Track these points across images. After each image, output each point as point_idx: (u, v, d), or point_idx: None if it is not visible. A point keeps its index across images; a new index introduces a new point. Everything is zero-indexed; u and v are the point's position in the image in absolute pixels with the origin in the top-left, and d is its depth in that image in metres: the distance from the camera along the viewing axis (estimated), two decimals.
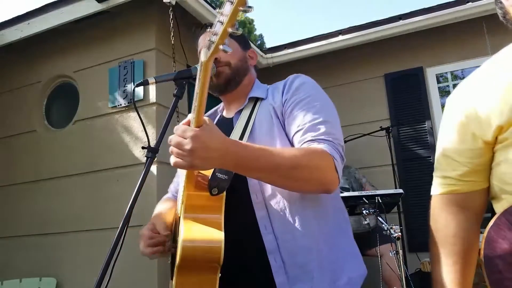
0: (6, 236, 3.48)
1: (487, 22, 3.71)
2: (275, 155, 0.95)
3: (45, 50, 3.62)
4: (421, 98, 3.97)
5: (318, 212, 1.08)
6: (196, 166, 0.88)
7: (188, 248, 0.90)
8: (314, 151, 1.00)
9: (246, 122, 1.15)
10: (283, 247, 1.03)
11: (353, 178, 3.51)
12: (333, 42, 4.07)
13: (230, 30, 0.72)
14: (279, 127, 1.12)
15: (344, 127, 4.09)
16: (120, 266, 0.96)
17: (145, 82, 1.09)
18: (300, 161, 0.96)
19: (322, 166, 0.99)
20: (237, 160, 0.91)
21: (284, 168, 0.95)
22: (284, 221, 1.05)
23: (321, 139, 1.02)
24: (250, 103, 1.21)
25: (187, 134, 0.84)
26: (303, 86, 1.14)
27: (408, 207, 3.78)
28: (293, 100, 1.12)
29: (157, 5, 3.11)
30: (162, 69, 3.09)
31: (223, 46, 0.75)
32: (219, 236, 0.92)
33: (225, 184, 0.98)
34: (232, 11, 0.70)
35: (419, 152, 3.90)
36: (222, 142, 0.88)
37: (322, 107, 1.10)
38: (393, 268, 2.70)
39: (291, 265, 1.02)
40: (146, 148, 1.04)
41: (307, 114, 1.07)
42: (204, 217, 0.96)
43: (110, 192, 3.04)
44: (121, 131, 3.14)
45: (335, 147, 1.03)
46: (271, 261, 1.02)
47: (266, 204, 1.06)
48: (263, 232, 1.04)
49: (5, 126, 3.72)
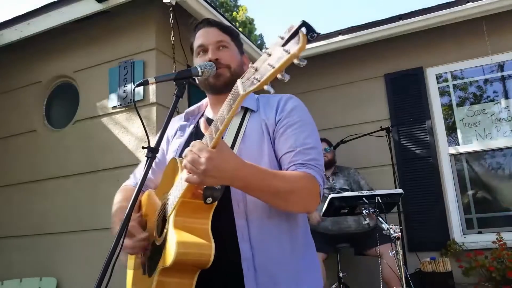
0: (6, 236, 3.48)
1: (487, 22, 3.71)
2: (277, 179, 1.04)
3: (45, 50, 3.62)
4: (421, 98, 3.97)
5: (292, 227, 1.16)
6: (206, 184, 0.95)
7: (182, 252, 0.94)
8: (307, 177, 1.09)
9: (236, 132, 1.18)
10: (257, 256, 1.08)
11: (352, 179, 3.51)
12: (333, 42, 4.07)
13: (279, 76, 0.73)
14: (269, 143, 1.18)
15: (344, 127, 4.14)
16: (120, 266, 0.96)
17: (145, 82, 1.09)
18: (296, 186, 1.06)
19: (311, 192, 1.10)
20: (244, 182, 0.99)
21: (283, 192, 1.04)
22: (261, 232, 1.11)
23: (310, 164, 1.12)
24: (240, 112, 1.24)
25: (202, 154, 0.90)
26: (296, 109, 1.22)
27: (408, 207, 3.78)
28: (286, 122, 1.18)
29: (157, 5, 3.11)
30: (162, 69, 3.09)
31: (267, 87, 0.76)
32: (209, 242, 0.98)
33: (219, 194, 1.01)
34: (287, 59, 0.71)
35: (419, 152, 3.90)
36: (234, 165, 0.95)
37: (312, 133, 1.19)
38: (393, 268, 2.70)
39: (262, 274, 1.08)
40: (146, 148, 1.04)
41: (298, 138, 1.15)
42: (194, 224, 1.01)
43: (110, 192, 3.01)
44: (121, 131, 3.13)
45: (320, 174, 1.13)
46: (244, 268, 1.07)
47: (247, 214, 1.11)
48: (240, 240, 1.09)
49: (5, 126, 3.72)
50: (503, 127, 3.75)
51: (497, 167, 3.89)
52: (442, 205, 3.72)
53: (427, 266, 3.21)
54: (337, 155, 3.68)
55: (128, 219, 0.96)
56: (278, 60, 0.72)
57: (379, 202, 2.58)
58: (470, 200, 3.80)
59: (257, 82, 0.77)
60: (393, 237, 2.32)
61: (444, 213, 3.70)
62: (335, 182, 3.47)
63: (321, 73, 4.35)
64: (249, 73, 0.79)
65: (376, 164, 3.89)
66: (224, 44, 1.27)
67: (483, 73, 3.94)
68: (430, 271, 3.18)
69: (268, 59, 0.75)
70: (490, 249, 3.29)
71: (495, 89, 3.93)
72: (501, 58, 3.79)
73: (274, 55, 0.74)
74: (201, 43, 1.27)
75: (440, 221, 3.70)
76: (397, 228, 2.34)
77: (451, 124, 3.97)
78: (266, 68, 0.75)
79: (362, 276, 3.53)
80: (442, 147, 3.86)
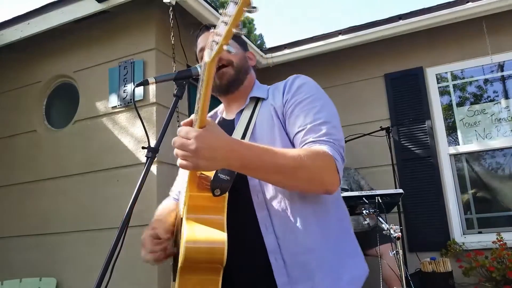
0: (6, 236, 3.48)
1: (487, 22, 3.71)
2: (278, 155, 0.95)
3: (45, 50, 3.62)
4: (421, 98, 3.97)
5: (319, 212, 1.08)
6: (201, 167, 0.87)
7: (191, 249, 0.89)
8: (317, 152, 0.99)
9: (247, 123, 1.14)
10: (284, 247, 1.03)
11: (352, 179, 3.51)
12: (333, 42, 4.07)
13: (234, 30, 0.71)
14: (279, 127, 1.12)
15: (344, 127, 4.09)
16: (120, 266, 0.96)
17: (145, 82, 1.09)
18: (303, 162, 0.95)
19: (324, 167, 0.99)
20: (241, 160, 0.90)
21: (287, 168, 0.95)
22: (285, 221, 1.05)
23: (322, 140, 1.03)
24: (251, 104, 1.20)
25: (190, 135, 0.84)
26: (304, 87, 1.14)
27: (408, 207, 3.78)
28: (293, 100, 1.11)
29: (157, 5, 3.11)
30: (162, 69, 3.09)
31: (227, 46, 0.73)
32: (222, 237, 0.91)
33: (228, 185, 0.98)
34: (237, 12, 0.69)
35: (419, 152, 3.90)
36: (227, 142, 0.88)
37: (323, 108, 1.10)
38: (393, 268, 2.70)
39: (292, 265, 1.02)
40: (146, 148, 1.04)
41: (308, 115, 1.07)
42: (207, 218, 0.96)
43: (110, 192, 3.04)
44: (121, 131, 3.13)
45: (336, 148, 1.03)
46: (272, 261, 1.02)
47: (267, 204, 1.06)
48: (264, 232, 1.04)
49: (5, 126, 3.72)
50: (503, 127, 3.75)
51: (497, 167, 3.89)
52: (442, 205, 3.72)
53: (427, 266, 3.20)
54: None
55: (128, 219, 0.95)
56: (230, 15, 0.70)
57: (379, 202, 2.58)
58: (470, 200, 3.80)
59: (216, 44, 0.74)
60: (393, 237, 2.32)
61: (444, 213, 3.70)
62: None
63: (321, 73, 4.34)
64: (211, 39, 0.77)
65: (376, 164, 3.89)
66: None
67: (483, 73, 3.94)
68: (430, 271, 3.18)
69: (224, 17, 0.73)
70: (490, 249, 3.29)
71: (495, 89, 3.93)
72: (501, 58, 3.79)
73: (228, 13, 0.71)
74: (202, 47, 1.25)
75: (440, 221, 3.70)
76: (397, 228, 2.35)
77: (451, 124, 3.97)
78: (222, 27, 0.73)
79: None
80: (442, 147, 3.86)
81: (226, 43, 0.73)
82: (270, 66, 4.35)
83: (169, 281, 1.18)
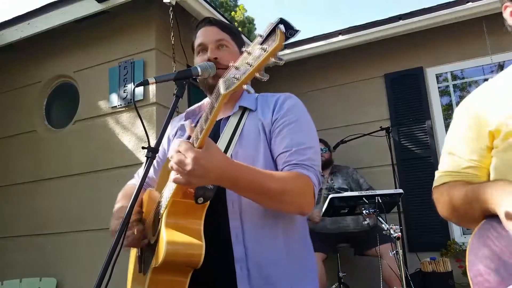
0: (6, 236, 3.48)
1: (487, 22, 3.71)
2: (267, 179, 1.02)
3: (45, 50, 3.62)
4: (421, 98, 3.97)
5: (288, 229, 1.15)
6: (194, 184, 0.95)
7: (171, 251, 0.94)
8: (300, 178, 1.07)
9: (233, 131, 1.18)
10: (250, 258, 1.07)
11: (351, 178, 3.51)
12: (333, 42, 4.07)
13: (257, 75, 0.73)
14: (265, 143, 1.16)
15: (344, 127, 4.13)
16: (120, 266, 0.96)
17: (145, 82, 1.09)
18: (287, 187, 1.04)
19: (305, 192, 1.08)
20: (232, 181, 0.97)
21: (273, 192, 1.02)
22: (255, 233, 1.09)
23: (305, 165, 1.10)
24: (238, 111, 1.23)
25: (188, 155, 0.89)
26: (294, 109, 1.20)
27: (408, 207, 3.78)
28: (283, 121, 1.17)
29: (157, 5, 3.11)
30: (162, 69, 3.09)
31: (247, 86, 0.76)
32: (200, 242, 0.97)
33: (211, 194, 1.00)
34: (264, 58, 0.71)
35: (419, 152, 3.89)
36: (221, 164, 0.93)
37: (308, 132, 1.18)
38: (393, 268, 2.70)
39: (256, 276, 1.06)
40: (146, 148, 1.04)
41: (294, 138, 1.14)
42: (186, 224, 1.00)
43: (110, 192, 3.01)
44: (121, 131, 3.13)
45: (315, 174, 1.11)
46: (237, 269, 1.06)
47: (241, 214, 1.10)
48: (233, 241, 1.08)
49: (5, 126, 3.72)
50: None
51: None
52: None
53: (427, 266, 3.20)
54: (337, 155, 3.68)
55: (128, 219, 0.95)
56: (256, 59, 0.72)
57: (379, 202, 2.58)
58: None
59: (236, 81, 0.76)
60: (393, 237, 2.32)
61: None
62: (334, 182, 3.47)
63: (321, 73, 4.34)
64: (231, 72, 0.79)
65: (376, 164, 3.89)
66: (224, 43, 1.25)
67: (483, 73, 3.93)
68: (430, 271, 3.17)
69: (248, 57, 0.74)
70: None
71: None
72: (501, 58, 3.79)
73: (253, 54, 0.73)
74: (201, 42, 1.26)
75: (440, 221, 3.69)
76: (397, 228, 2.35)
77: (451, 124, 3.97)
78: (245, 67, 0.74)
79: (362, 276, 3.52)
80: (442, 147, 3.85)
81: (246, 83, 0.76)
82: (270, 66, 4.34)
83: None
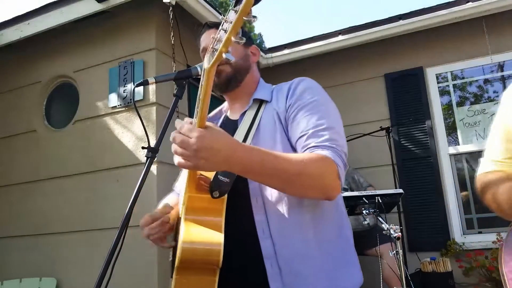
0: (6, 236, 3.48)
1: (487, 22, 3.71)
2: (280, 160, 0.93)
3: (45, 50, 3.62)
4: (421, 98, 3.97)
5: (318, 218, 1.07)
6: (200, 167, 0.86)
7: (187, 249, 0.89)
8: (319, 158, 0.98)
9: (250, 125, 1.14)
10: (280, 253, 1.02)
11: (350, 178, 3.51)
12: (333, 42, 4.07)
13: (233, 39, 0.71)
14: (281, 132, 1.11)
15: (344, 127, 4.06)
16: (120, 266, 0.96)
17: (145, 82, 1.09)
18: (305, 168, 0.94)
19: (326, 173, 0.98)
20: (242, 164, 0.88)
21: (289, 174, 0.93)
22: (282, 227, 1.04)
23: (324, 145, 1.01)
24: (254, 105, 1.20)
25: (192, 134, 0.81)
26: (308, 91, 1.13)
27: (408, 207, 3.78)
28: (297, 105, 1.10)
29: (157, 5, 3.11)
30: (162, 69, 3.09)
31: (226, 54, 0.74)
32: (218, 238, 0.91)
33: (227, 187, 0.97)
34: (236, 20, 0.69)
35: (419, 152, 3.90)
36: (229, 144, 0.86)
37: (326, 113, 1.09)
38: (393, 268, 2.70)
39: (287, 272, 1.02)
40: (146, 148, 1.04)
41: (311, 120, 1.06)
42: (205, 219, 0.96)
43: (110, 192, 3.04)
44: (121, 131, 3.13)
45: (338, 153, 1.02)
46: (267, 266, 1.02)
47: (266, 208, 1.05)
48: (260, 237, 1.03)
49: (5, 126, 3.72)
50: None
51: None
52: (442, 205, 3.72)
53: (427, 266, 3.20)
54: None
55: (128, 219, 0.95)
56: (230, 23, 0.70)
57: (379, 202, 2.58)
58: (470, 200, 3.80)
59: (216, 51, 0.74)
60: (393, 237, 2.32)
61: (444, 213, 3.70)
62: None
63: (321, 73, 4.34)
64: (212, 45, 0.77)
65: (376, 164, 3.89)
66: None
67: (483, 73, 3.93)
68: (430, 271, 3.18)
69: (225, 24, 0.73)
70: (490, 249, 3.29)
71: (495, 89, 3.93)
72: (501, 58, 3.79)
73: (229, 19, 0.72)
74: (203, 47, 1.26)
75: (440, 221, 3.70)
76: (397, 228, 2.34)
77: (451, 124, 3.97)
78: (222, 34, 0.73)
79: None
80: (442, 147, 3.86)
81: (226, 51, 0.73)
82: (270, 66, 4.35)
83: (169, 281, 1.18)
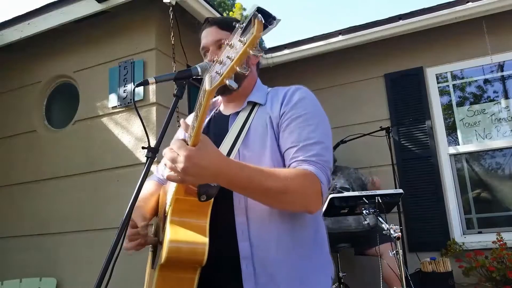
0: (6, 236, 3.48)
1: (487, 22, 3.71)
2: (267, 178, 0.97)
3: (45, 50, 3.62)
4: (421, 98, 3.97)
5: (296, 225, 1.11)
6: (189, 183, 0.92)
7: (174, 249, 0.94)
8: (304, 175, 1.02)
9: (241, 126, 1.15)
10: (256, 256, 1.05)
11: (352, 178, 3.51)
12: (333, 42, 4.07)
13: (238, 69, 0.71)
14: (272, 137, 1.13)
15: (344, 127, 4.14)
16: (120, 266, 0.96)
17: (145, 82, 1.09)
18: (289, 186, 0.98)
19: (309, 191, 1.02)
20: (229, 180, 0.93)
21: (274, 192, 0.98)
22: (261, 231, 1.07)
23: (312, 161, 1.05)
24: (248, 106, 1.21)
25: (181, 152, 0.86)
26: (303, 101, 1.15)
27: (408, 207, 3.78)
28: (290, 114, 1.13)
29: (157, 5, 3.11)
30: (162, 69, 3.09)
31: (229, 81, 0.73)
32: (203, 239, 0.96)
33: (214, 191, 0.99)
34: (242, 52, 0.68)
35: (419, 152, 3.89)
36: (216, 162, 0.90)
37: (318, 126, 1.12)
38: (393, 268, 2.70)
39: (261, 274, 1.05)
40: (146, 148, 1.04)
41: (302, 133, 1.09)
42: (190, 221, 1.00)
43: (110, 192, 3.04)
44: (121, 131, 3.13)
45: (324, 170, 1.06)
46: (242, 267, 1.05)
47: (247, 210, 1.08)
48: (239, 237, 1.06)
49: (5, 126, 3.72)
50: (503, 127, 3.75)
51: (497, 167, 3.89)
52: (442, 205, 3.72)
53: (427, 266, 3.20)
54: (337, 155, 3.68)
55: (128, 219, 0.95)
56: (236, 52, 0.70)
57: (379, 202, 2.58)
58: (470, 200, 3.80)
59: (219, 76, 0.74)
60: (393, 237, 2.32)
61: (444, 213, 3.70)
62: (336, 181, 3.47)
63: (321, 73, 4.34)
64: (216, 66, 0.77)
65: (376, 164, 3.89)
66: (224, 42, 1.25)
67: (483, 73, 3.93)
68: (430, 271, 3.17)
69: (230, 51, 0.72)
70: (490, 249, 3.29)
71: (495, 89, 3.93)
72: (501, 58, 3.79)
73: (234, 47, 0.71)
74: (203, 45, 1.26)
75: (440, 221, 3.70)
76: (397, 228, 2.34)
77: (451, 124, 3.97)
78: (226, 61, 0.72)
79: (362, 276, 3.53)
80: (442, 147, 3.86)
81: (229, 77, 0.73)
82: (270, 66, 4.34)
83: None
